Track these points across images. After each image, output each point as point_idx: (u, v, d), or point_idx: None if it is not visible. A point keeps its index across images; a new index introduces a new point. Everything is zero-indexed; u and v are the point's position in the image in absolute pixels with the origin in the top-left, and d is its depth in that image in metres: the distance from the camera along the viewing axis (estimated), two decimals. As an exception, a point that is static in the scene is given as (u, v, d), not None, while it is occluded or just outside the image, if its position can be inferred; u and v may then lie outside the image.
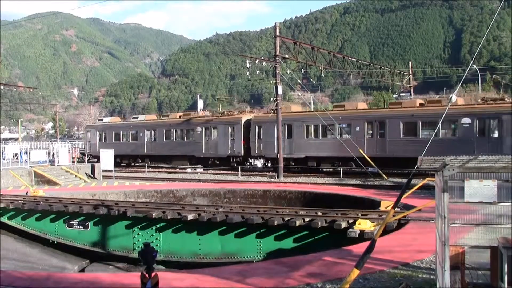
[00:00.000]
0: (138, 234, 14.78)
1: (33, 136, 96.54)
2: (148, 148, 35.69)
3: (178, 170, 32.74)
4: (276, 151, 28.34)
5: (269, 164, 30.58)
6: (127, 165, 36.91)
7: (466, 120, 24.12)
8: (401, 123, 26.06)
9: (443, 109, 23.49)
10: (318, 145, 28.52)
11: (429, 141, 19.08)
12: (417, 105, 27.37)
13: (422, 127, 25.37)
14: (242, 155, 31.54)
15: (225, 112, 36.23)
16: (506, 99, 25.29)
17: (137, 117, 41.56)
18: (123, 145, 37.28)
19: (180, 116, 36.98)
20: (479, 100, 26.34)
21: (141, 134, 36.67)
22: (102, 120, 45.24)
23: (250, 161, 31.61)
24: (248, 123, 31.71)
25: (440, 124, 23.78)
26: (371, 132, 27.12)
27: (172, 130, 35.25)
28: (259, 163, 31.29)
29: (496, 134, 23.19)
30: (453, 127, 24.93)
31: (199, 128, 33.57)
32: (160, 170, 33.42)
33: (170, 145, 34.78)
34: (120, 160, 31.92)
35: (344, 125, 28.09)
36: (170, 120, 36.73)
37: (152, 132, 36.37)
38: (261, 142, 30.73)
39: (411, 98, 41.36)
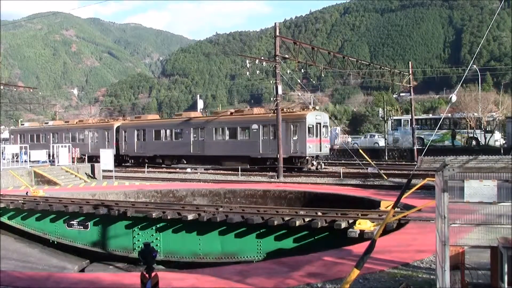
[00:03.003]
0: (138, 234, 14.78)
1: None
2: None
3: (178, 170, 33.02)
4: (135, 151, 37.70)
5: (132, 161, 38.73)
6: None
7: (254, 126, 31.02)
8: (214, 129, 33.29)
9: (243, 118, 32.75)
10: (162, 146, 36.04)
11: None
12: (229, 114, 34.20)
13: (228, 131, 32.63)
14: (115, 154, 37.20)
15: (106, 120, 44.57)
16: (284, 109, 31.65)
17: (48, 123, 50.72)
18: (37, 145, 43.07)
19: (76, 122, 46.69)
20: (270, 110, 32.72)
21: (48, 137, 44.75)
22: (23, 125, 53.39)
23: (128, 159, 39.03)
24: (119, 128, 39.70)
25: (239, 129, 32.00)
26: (195, 135, 34.27)
27: (70, 133, 43.83)
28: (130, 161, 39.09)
29: (274, 137, 29.15)
30: (247, 131, 31.66)
31: (86, 132, 42.04)
32: (160, 170, 33.81)
33: (74, 145, 41.32)
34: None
35: (178, 130, 35.84)
36: (69, 125, 46.01)
37: (56, 134, 44.71)
38: (126, 144, 38.44)
39: (411, 98, 41.40)
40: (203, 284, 7.15)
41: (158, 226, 14.46)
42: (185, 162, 34.89)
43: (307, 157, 29.37)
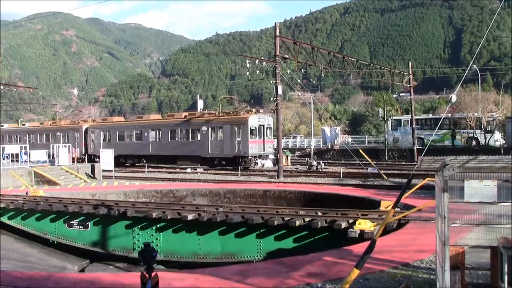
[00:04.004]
0: (138, 234, 14.78)
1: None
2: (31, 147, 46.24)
3: (178, 170, 33.07)
4: (99, 150, 37.50)
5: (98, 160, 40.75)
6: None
7: (204, 128, 33.90)
8: (169, 130, 36.22)
9: (194, 120, 35.27)
10: (125, 146, 38.24)
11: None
12: (183, 117, 36.95)
13: (181, 133, 35.63)
14: (83, 153, 40.84)
15: (76, 121, 48.27)
16: (231, 113, 34.98)
17: (24, 124, 55.89)
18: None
19: (50, 124, 50.07)
20: (231, 113, 35.62)
21: (24, 138, 47.44)
22: (3, 126, 57.40)
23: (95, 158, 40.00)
24: (87, 130, 42.66)
25: (190, 130, 35.03)
26: (153, 137, 37.33)
27: (43, 134, 46.32)
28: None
29: (221, 138, 32.94)
30: (198, 133, 34.49)
31: (58, 133, 44.71)
32: (160, 170, 33.88)
33: (42, 145, 42.07)
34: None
35: (138, 132, 38.52)
36: (43, 126, 49.51)
37: (32, 135, 47.56)
38: (93, 144, 41.04)
39: (411, 99, 41.41)
40: (203, 284, 7.15)
41: (158, 226, 14.46)
42: (145, 161, 37.38)
43: (249, 157, 32.01)
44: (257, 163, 32.76)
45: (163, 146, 36.42)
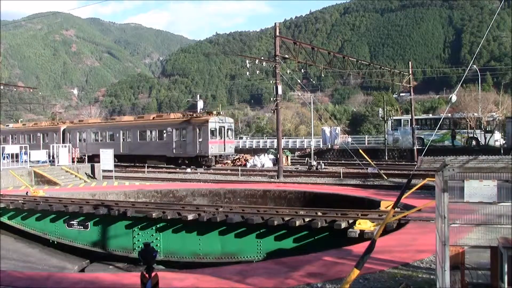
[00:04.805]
0: (138, 234, 14.77)
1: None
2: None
3: (178, 170, 33.10)
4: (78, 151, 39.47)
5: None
6: None
7: (169, 129, 36.09)
8: (138, 131, 38.67)
9: (161, 122, 37.86)
10: (99, 146, 38.43)
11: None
12: (151, 118, 39.79)
13: (149, 134, 38.15)
14: None
15: (55, 122, 51.30)
16: (195, 114, 37.30)
17: (8, 125, 57.99)
18: None
19: (32, 125, 53.44)
20: (194, 115, 37.75)
21: (8, 138, 49.25)
22: None
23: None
24: (65, 131, 45.10)
25: (156, 131, 37.46)
26: (124, 137, 39.75)
27: (25, 135, 49.05)
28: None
29: (184, 138, 35.07)
30: (164, 133, 36.70)
31: (39, 134, 47.31)
32: (160, 170, 33.93)
33: (29, 146, 44.94)
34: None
35: (111, 132, 41.15)
36: (25, 127, 52.65)
37: (15, 136, 49.51)
38: (70, 144, 39.80)
39: (411, 98, 41.40)
40: (203, 284, 7.15)
41: (158, 226, 14.46)
42: (116, 160, 38.07)
43: (210, 156, 34.28)
44: (218, 161, 35.26)
45: (133, 146, 38.76)
